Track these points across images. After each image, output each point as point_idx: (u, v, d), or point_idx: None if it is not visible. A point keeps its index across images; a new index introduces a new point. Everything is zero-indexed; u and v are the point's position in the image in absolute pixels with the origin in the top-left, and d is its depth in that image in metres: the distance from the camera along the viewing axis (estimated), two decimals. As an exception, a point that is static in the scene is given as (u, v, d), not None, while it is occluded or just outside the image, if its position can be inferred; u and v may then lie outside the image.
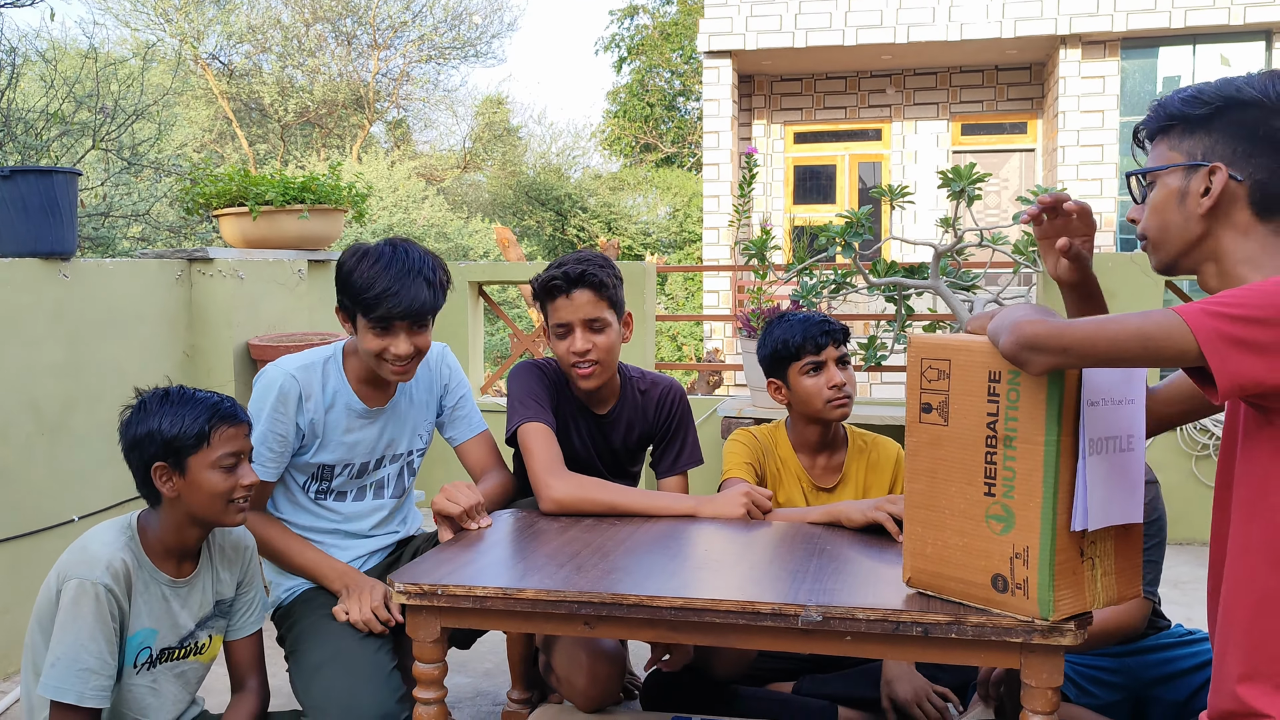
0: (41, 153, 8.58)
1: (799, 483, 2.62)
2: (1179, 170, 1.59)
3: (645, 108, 22.21)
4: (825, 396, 2.52)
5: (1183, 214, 1.59)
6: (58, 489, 3.36)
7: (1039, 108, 12.22)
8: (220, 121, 20.37)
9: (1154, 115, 1.64)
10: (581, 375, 2.47)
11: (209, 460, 2.03)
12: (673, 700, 2.56)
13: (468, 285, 5.35)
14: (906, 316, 4.57)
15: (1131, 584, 1.72)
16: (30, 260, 3.28)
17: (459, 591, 1.89)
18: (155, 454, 2.02)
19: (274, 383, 2.35)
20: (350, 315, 2.34)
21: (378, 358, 2.32)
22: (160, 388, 2.10)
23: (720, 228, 11.83)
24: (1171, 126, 1.61)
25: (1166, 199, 1.60)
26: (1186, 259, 1.62)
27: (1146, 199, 1.65)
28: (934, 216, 10.66)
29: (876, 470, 2.65)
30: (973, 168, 4.15)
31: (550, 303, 2.47)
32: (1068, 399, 1.56)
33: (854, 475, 2.64)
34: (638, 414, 2.68)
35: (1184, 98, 1.59)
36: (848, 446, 2.66)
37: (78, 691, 1.95)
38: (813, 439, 2.62)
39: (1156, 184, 1.62)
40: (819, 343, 2.54)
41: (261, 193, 4.24)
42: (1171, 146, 1.60)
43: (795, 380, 2.56)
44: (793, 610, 1.74)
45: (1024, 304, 1.67)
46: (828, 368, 2.53)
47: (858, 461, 2.65)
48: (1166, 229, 1.61)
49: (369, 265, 2.27)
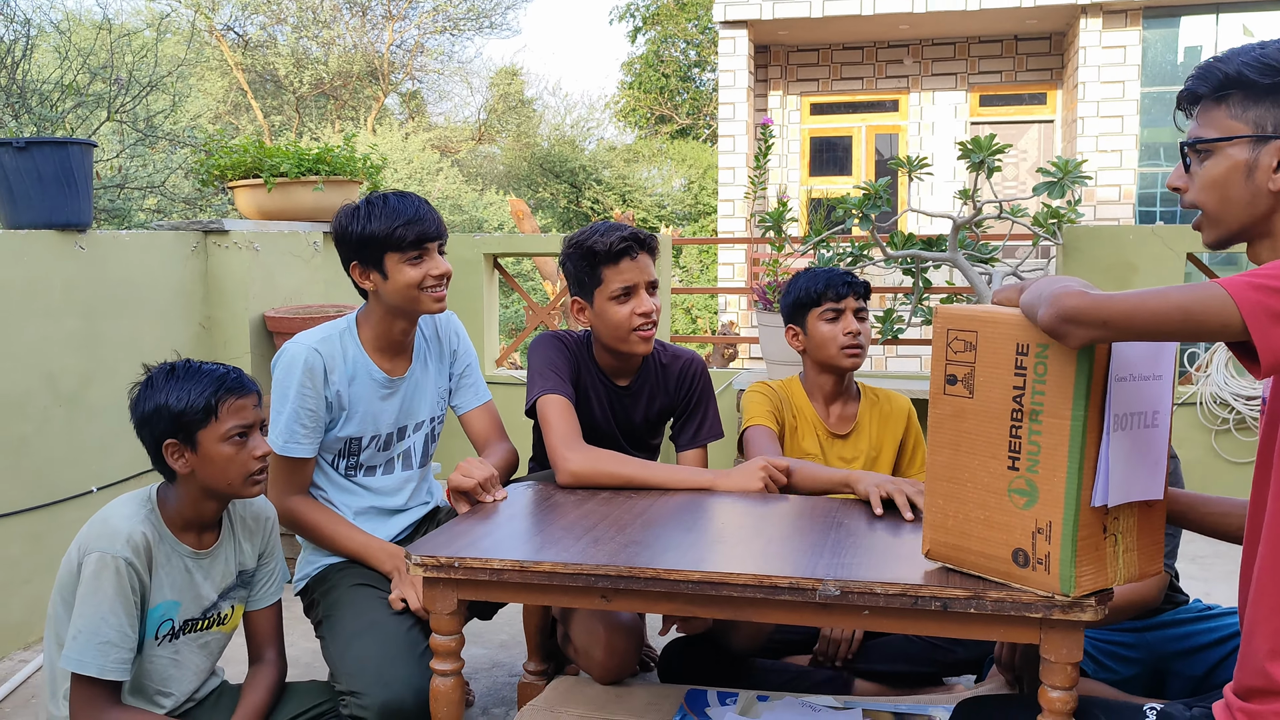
0: (57, 124, 8.58)
1: (814, 430, 2.69)
2: (1245, 142, 1.49)
3: (660, 79, 22.06)
4: (840, 343, 2.63)
5: (1250, 189, 1.50)
6: (76, 460, 3.37)
7: (1059, 78, 12.08)
8: (235, 93, 20.34)
9: (1207, 78, 1.53)
10: (644, 337, 2.49)
11: (218, 434, 2.02)
12: (690, 672, 2.57)
13: (482, 258, 5.33)
14: (924, 289, 4.53)
15: (1153, 561, 1.70)
16: (46, 232, 3.28)
17: (476, 564, 1.88)
18: (165, 430, 2.02)
19: (297, 359, 2.36)
20: (376, 262, 2.35)
21: (418, 289, 2.36)
22: (167, 363, 2.10)
23: (735, 200, 11.76)
24: (1230, 93, 1.51)
25: (1230, 172, 1.51)
26: (1243, 234, 1.55)
27: (1195, 169, 1.56)
28: (951, 189, 10.58)
29: (889, 422, 2.74)
30: (993, 139, 4.10)
31: (612, 266, 2.44)
32: (1096, 373, 1.53)
33: (866, 425, 2.73)
34: (659, 387, 2.67)
35: (1247, 62, 1.48)
36: (860, 400, 2.76)
37: (98, 664, 1.96)
38: (827, 388, 2.71)
39: (1215, 154, 1.53)
40: (840, 291, 2.65)
41: (276, 164, 4.23)
42: (1233, 115, 1.50)
43: (813, 326, 2.66)
44: (810, 584, 1.73)
45: (1060, 275, 1.63)
46: (845, 316, 2.65)
47: (870, 413, 2.75)
48: (1228, 203, 1.53)
49: (379, 208, 2.35)
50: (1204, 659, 2.35)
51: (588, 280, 2.48)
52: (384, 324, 2.44)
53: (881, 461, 2.73)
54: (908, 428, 2.76)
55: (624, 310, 2.45)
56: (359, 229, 2.35)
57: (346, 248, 2.39)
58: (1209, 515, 1.85)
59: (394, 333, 2.45)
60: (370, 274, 2.38)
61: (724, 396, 5.23)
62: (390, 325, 2.44)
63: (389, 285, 2.36)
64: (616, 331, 2.48)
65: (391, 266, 2.35)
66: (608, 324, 2.48)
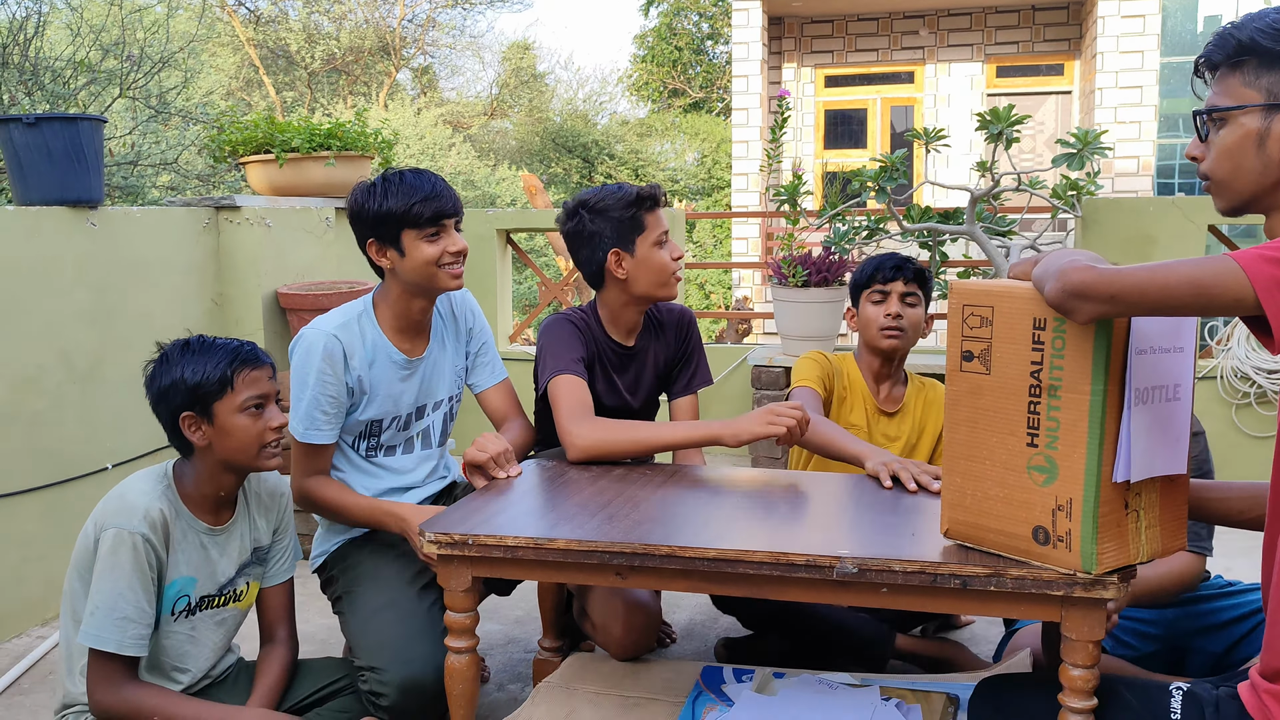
0: (69, 101, 8.57)
1: (864, 404, 2.77)
2: (1257, 110, 1.46)
3: (673, 52, 21.89)
4: (879, 324, 2.71)
5: (1261, 158, 1.47)
6: (91, 437, 3.38)
7: (1076, 49, 11.92)
8: (247, 69, 20.30)
9: (1222, 46, 1.50)
10: (679, 279, 2.58)
11: (235, 405, 2.04)
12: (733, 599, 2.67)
13: (495, 233, 5.30)
14: (941, 263, 4.49)
15: (1176, 536, 1.68)
16: (58, 209, 3.27)
17: (490, 541, 1.88)
18: (181, 404, 2.03)
19: (315, 345, 2.34)
20: (393, 239, 2.34)
21: (436, 266, 2.34)
22: (180, 338, 2.10)
23: (750, 174, 11.68)
24: (1244, 61, 1.47)
25: (1242, 141, 1.48)
26: (1257, 204, 1.52)
27: (1212, 138, 1.53)
28: (968, 161, 10.48)
29: (932, 409, 2.81)
30: (1011, 109, 4.04)
31: (652, 213, 2.52)
32: (1115, 347, 1.51)
33: (912, 408, 2.81)
34: (660, 341, 2.73)
35: (1260, 28, 1.45)
36: (908, 384, 2.85)
37: (116, 640, 1.97)
38: (875, 367, 2.80)
39: (1229, 123, 1.50)
40: (888, 275, 2.73)
41: (288, 140, 4.21)
42: (1246, 83, 1.48)
43: (863, 306, 2.77)
44: (828, 561, 1.72)
45: (1070, 249, 1.60)
46: (890, 299, 2.72)
47: (917, 398, 2.83)
48: (1239, 172, 1.50)
49: (395, 185, 2.33)
50: (1225, 636, 2.33)
51: (629, 227, 2.50)
52: (402, 303, 2.42)
53: (922, 446, 2.77)
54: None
55: (664, 254, 2.52)
56: (375, 206, 2.32)
57: (363, 225, 2.37)
58: (1208, 501, 1.82)
59: (413, 312, 2.43)
60: (387, 251, 2.36)
61: (739, 372, 5.21)
62: (409, 304, 2.42)
63: (406, 263, 2.34)
64: (660, 275, 2.53)
65: (409, 244, 2.33)
66: (651, 269, 2.51)
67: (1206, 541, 2.31)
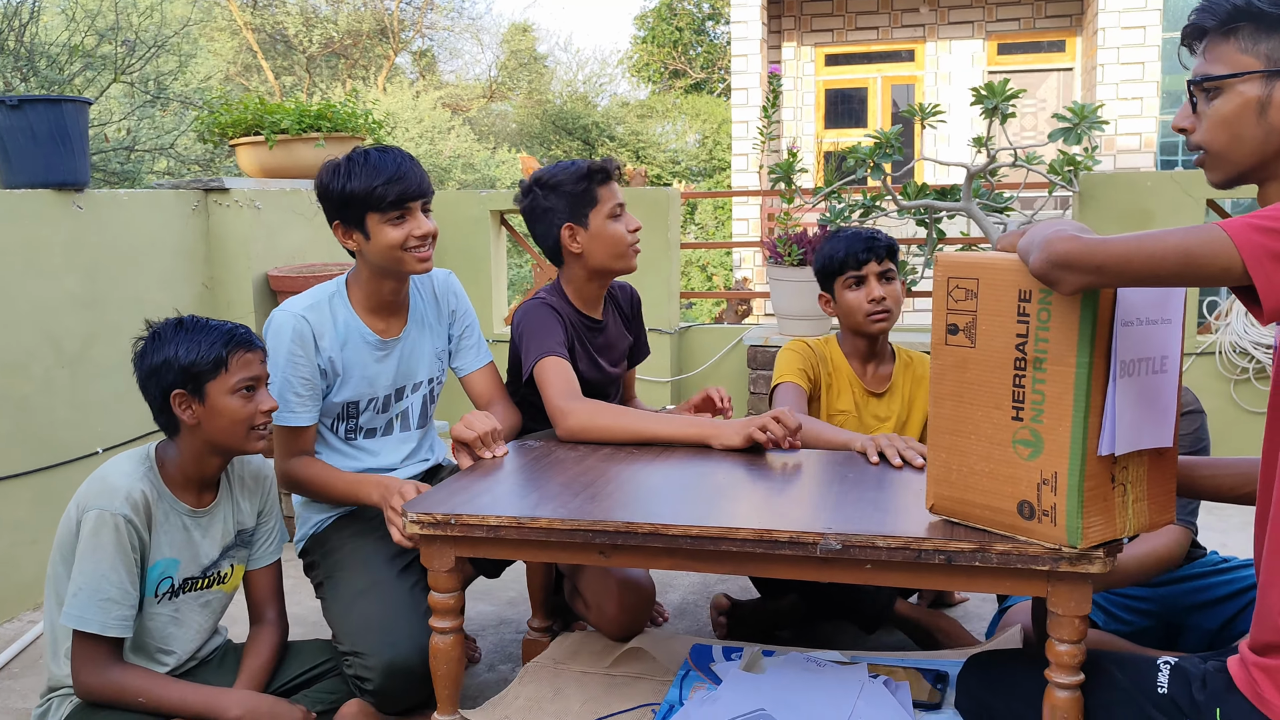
0: (64, 86, 8.53)
1: (851, 388, 2.74)
2: (1257, 78, 1.42)
3: (674, 32, 21.77)
4: (865, 310, 2.64)
5: (1263, 126, 1.43)
6: (81, 422, 3.37)
7: (1078, 24, 11.83)
8: (245, 54, 20.22)
9: (1214, 11, 1.46)
10: (636, 252, 2.58)
11: (228, 386, 2.03)
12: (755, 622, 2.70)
13: (489, 214, 5.27)
14: (938, 240, 4.45)
15: (1164, 510, 1.66)
16: (43, 191, 3.24)
17: (473, 521, 1.86)
18: (173, 381, 2.02)
19: (285, 327, 2.32)
20: (358, 221, 2.30)
21: (402, 250, 2.30)
22: (173, 317, 2.09)
23: (749, 154, 11.63)
24: (1239, 26, 1.43)
25: (1242, 109, 1.44)
26: (1254, 174, 1.48)
27: (1204, 108, 1.49)
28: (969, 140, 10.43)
29: (921, 385, 2.77)
30: (1006, 83, 4.00)
31: (606, 185, 2.54)
32: (1101, 318, 1.48)
33: (900, 386, 2.77)
34: (619, 312, 2.78)
35: None
36: (895, 360, 2.80)
37: (100, 621, 1.96)
38: (861, 349, 2.75)
39: (1225, 92, 1.45)
40: (860, 258, 2.64)
41: (277, 121, 4.18)
42: (1243, 49, 1.43)
43: (840, 294, 2.69)
44: (812, 538, 1.70)
45: (1056, 220, 1.57)
46: (869, 282, 2.65)
47: (904, 374, 2.78)
48: (1239, 142, 1.46)
49: (361, 165, 2.28)
50: (1220, 612, 2.31)
51: (582, 201, 2.52)
52: (372, 284, 2.39)
53: (912, 422, 2.74)
54: None
55: (619, 226, 2.53)
56: (339, 187, 2.28)
57: (329, 205, 2.33)
58: (1199, 479, 1.80)
59: (384, 292, 2.40)
60: (353, 234, 2.32)
61: (735, 352, 5.19)
62: (379, 285, 2.39)
63: (371, 245, 2.30)
64: (616, 248, 2.53)
65: (373, 227, 2.28)
66: (607, 241, 2.52)
67: (1192, 517, 2.28)
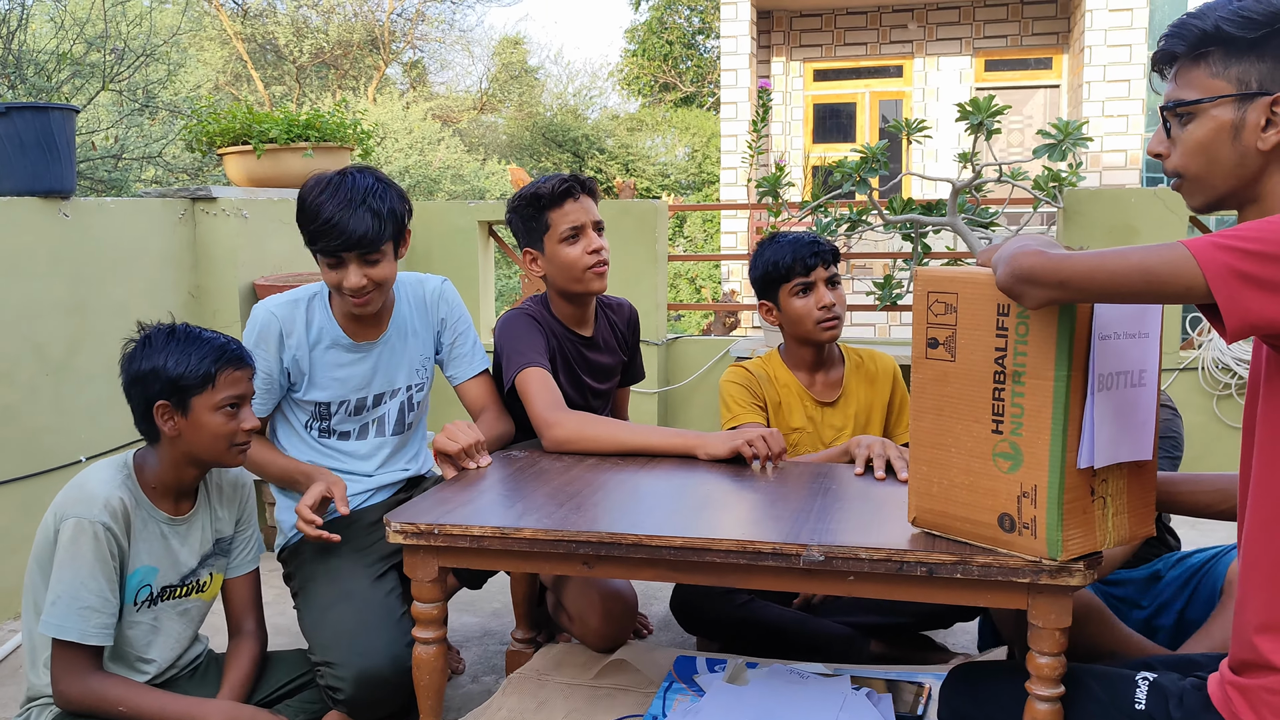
0: (52, 94, 8.51)
1: (802, 403, 2.64)
2: (1229, 101, 1.42)
3: (664, 46, 21.84)
4: (815, 317, 2.55)
5: (1238, 150, 1.43)
6: (64, 429, 3.35)
7: (1065, 43, 11.92)
8: (235, 63, 20.20)
9: (1183, 36, 1.46)
10: (598, 274, 2.51)
11: (213, 402, 2.02)
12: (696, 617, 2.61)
13: (478, 225, 5.28)
14: (923, 255, 4.47)
15: (1144, 522, 1.67)
16: (29, 199, 3.23)
17: (456, 531, 1.86)
18: (158, 391, 2.01)
19: (255, 321, 2.37)
20: (313, 254, 2.33)
21: (337, 290, 2.32)
22: (165, 324, 2.08)
23: (738, 167, 11.67)
24: (1209, 51, 1.44)
25: (1216, 134, 1.44)
26: (1233, 199, 1.48)
27: (1178, 133, 1.49)
28: (955, 155, 10.47)
29: (875, 384, 2.69)
30: (991, 99, 4.03)
31: (557, 209, 2.49)
32: (1079, 332, 1.50)
33: (853, 390, 2.68)
34: (613, 331, 2.74)
35: (1225, 17, 1.41)
36: (844, 363, 2.70)
37: (79, 629, 1.95)
38: (808, 359, 2.65)
39: (1198, 117, 1.45)
40: (808, 263, 2.56)
41: (265, 130, 4.18)
42: (1214, 74, 1.43)
43: (786, 302, 2.59)
44: (794, 550, 1.71)
45: (1025, 235, 1.59)
46: (817, 288, 2.56)
47: (856, 376, 2.69)
48: (1214, 166, 1.46)
49: (317, 195, 2.27)
50: (1172, 609, 2.32)
51: (536, 227, 2.51)
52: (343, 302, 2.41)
53: (872, 425, 2.67)
54: (894, 387, 2.70)
55: (575, 250, 2.49)
56: (300, 205, 2.30)
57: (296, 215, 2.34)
58: (1179, 494, 1.81)
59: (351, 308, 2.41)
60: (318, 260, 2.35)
61: (722, 364, 5.20)
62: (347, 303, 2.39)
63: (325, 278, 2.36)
64: (571, 272, 2.50)
65: (320, 264, 2.31)
66: (561, 266, 2.50)
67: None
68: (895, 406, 2.71)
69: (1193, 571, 2.31)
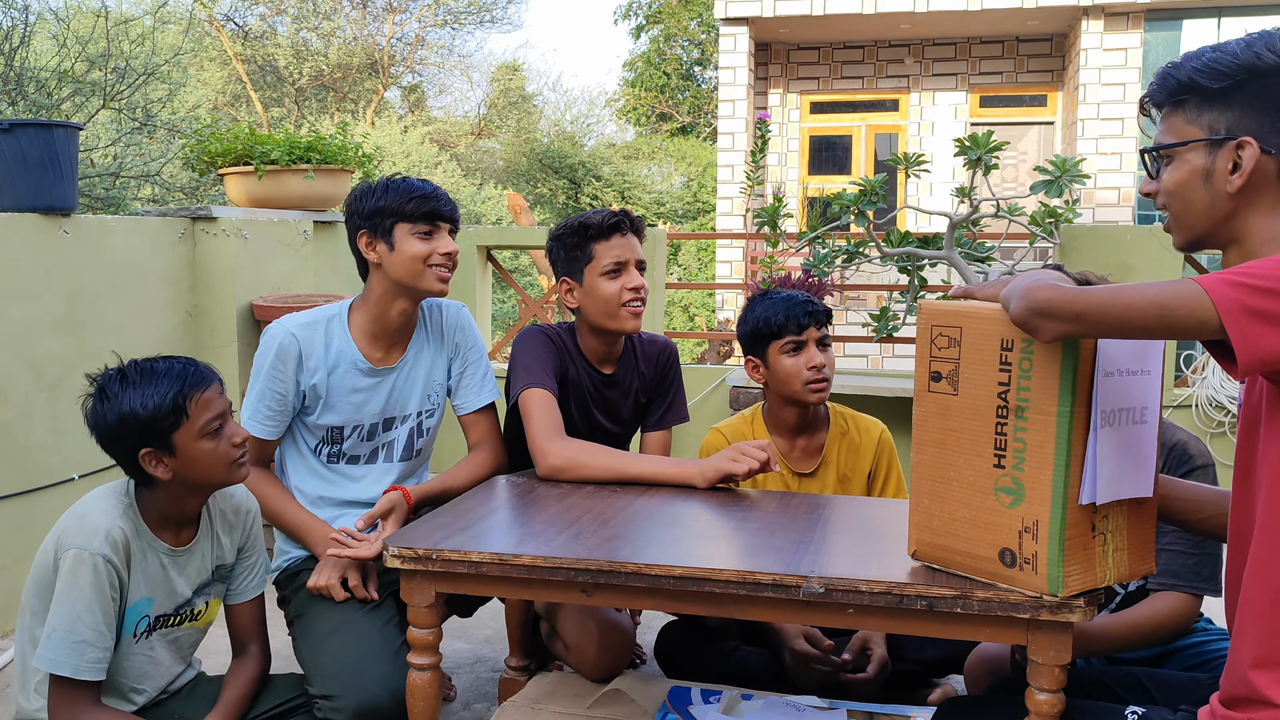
0: (53, 111, 8.52)
1: (780, 470, 2.57)
2: (1201, 146, 1.49)
3: (662, 76, 22.00)
4: (804, 378, 2.49)
5: (1209, 193, 1.50)
6: (58, 447, 3.34)
7: (1059, 80, 12.05)
8: (234, 84, 20.28)
9: (1163, 86, 1.54)
10: (634, 313, 2.48)
11: (194, 432, 1.95)
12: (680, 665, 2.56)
13: (475, 250, 5.29)
14: (920, 288, 4.50)
15: (1144, 560, 1.67)
16: (30, 215, 3.24)
17: (454, 556, 1.85)
18: (137, 441, 1.93)
19: (274, 340, 2.34)
20: (385, 231, 2.34)
21: (424, 265, 2.34)
22: (111, 368, 1.98)
23: (734, 197, 11.73)
24: (1186, 99, 1.51)
25: (1189, 177, 1.51)
26: (1212, 239, 1.54)
27: (1162, 174, 1.56)
28: (951, 190, 10.56)
29: (857, 453, 2.61)
30: (990, 135, 4.07)
31: (603, 242, 2.47)
32: (1082, 369, 1.50)
33: (834, 458, 2.61)
34: (638, 372, 2.67)
35: (1198, 68, 1.49)
36: (829, 428, 2.62)
37: (73, 664, 1.91)
38: (791, 421, 2.59)
39: (1175, 160, 1.53)
40: (801, 323, 2.51)
41: (267, 152, 4.19)
42: (1189, 120, 1.51)
43: (775, 359, 2.53)
44: (794, 581, 1.70)
45: (1037, 270, 1.60)
46: (808, 348, 2.51)
47: (838, 444, 2.61)
48: (1190, 206, 1.52)
49: (398, 183, 2.37)
50: None
51: (579, 256, 2.48)
52: (382, 304, 2.39)
53: (849, 493, 2.60)
54: (878, 456, 2.63)
55: (615, 286, 2.45)
56: (373, 198, 2.36)
57: (358, 215, 2.38)
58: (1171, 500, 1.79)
59: (391, 315, 2.40)
60: (377, 245, 2.35)
61: (717, 393, 5.20)
62: (389, 306, 2.39)
63: (395, 257, 2.34)
64: (607, 307, 2.46)
65: (400, 237, 2.33)
66: (599, 300, 2.46)
67: (1210, 582, 2.03)
68: (880, 474, 2.64)
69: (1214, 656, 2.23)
